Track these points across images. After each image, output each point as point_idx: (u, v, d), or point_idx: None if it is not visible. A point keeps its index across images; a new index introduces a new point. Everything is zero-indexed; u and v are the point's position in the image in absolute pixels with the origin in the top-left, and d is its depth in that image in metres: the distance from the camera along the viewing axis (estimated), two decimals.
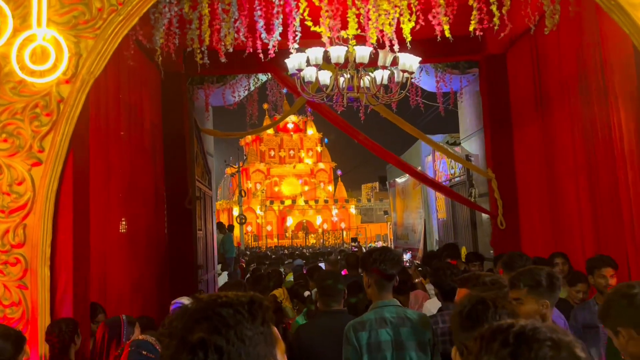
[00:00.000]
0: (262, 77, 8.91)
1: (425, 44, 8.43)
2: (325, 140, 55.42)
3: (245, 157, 35.25)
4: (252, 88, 8.81)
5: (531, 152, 7.71)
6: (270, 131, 53.73)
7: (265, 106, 45.15)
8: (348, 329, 3.13)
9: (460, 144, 10.23)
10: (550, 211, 7.07)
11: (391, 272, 3.13)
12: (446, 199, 10.70)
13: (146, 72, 7.61)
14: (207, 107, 8.71)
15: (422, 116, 17.43)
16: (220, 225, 17.33)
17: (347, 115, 8.84)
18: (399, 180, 16.98)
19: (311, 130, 55.17)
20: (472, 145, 9.39)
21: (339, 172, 55.11)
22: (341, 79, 5.83)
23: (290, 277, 8.02)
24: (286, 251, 23.27)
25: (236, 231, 38.57)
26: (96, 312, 4.92)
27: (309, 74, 5.88)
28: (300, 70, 5.53)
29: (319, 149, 55.18)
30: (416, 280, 5.84)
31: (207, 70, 8.46)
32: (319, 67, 5.46)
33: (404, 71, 5.51)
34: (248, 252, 24.37)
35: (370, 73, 5.86)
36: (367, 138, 8.60)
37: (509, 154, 8.32)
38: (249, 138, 55.33)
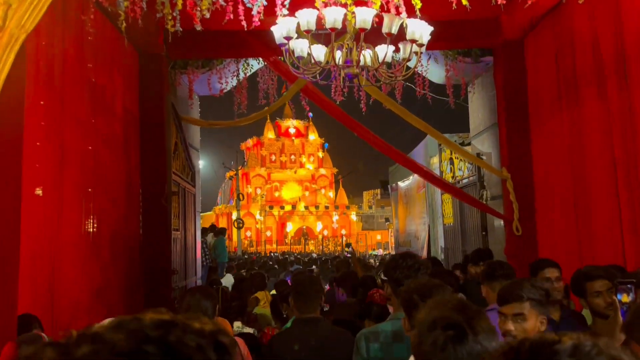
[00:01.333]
0: (254, 63, 7.99)
1: (434, 28, 7.63)
2: (326, 145, 54.80)
3: (244, 162, 34.28)
4: (242, 75, 7.89)
5: (552, 149, 6.79)
6: (272, 135, 53.27)
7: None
8: (359, 337, 2.87)
9: (469, 143, 9.37)
10: (577, 216, 6.12)
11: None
12: (454, 203, 9.79)
13: (119, 50, 6.70)
14: (191, 94, 7.79)
15: (427, 114, 16.52)
16: (212, 228, 16.52)
17: (346, 109, 7.94)
18: (401, 184, 16.07)
19: (313, 136, 54.53)
20: (483, 143, 8.49)
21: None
22: (338, 54, 4.90)
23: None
24: (280, 257, 22.37)
25: (234, 236, 37.80)
26: (30, 325, 3.98)
27: (300, 47, 4.95)
28: (289, 38, 4.59)
29: (320, 154, 54.53)
30: None
31: (191, 52, 7.58)
32: (312, 33, 4.53)
33: (412, 41, 4.56)
34: (246, 257, 23.41)
35: (371, 49, 4.92)
36: (368, 131, 7.68)
37: (526, 152, 7.41)
38: (250, 142, 54.91)
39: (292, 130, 53.96)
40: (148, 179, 6.93)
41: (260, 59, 7.74)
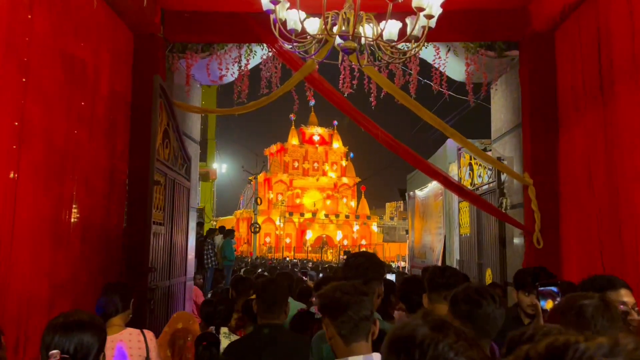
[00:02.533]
0: (257, 50, 7.39)
1: (454, 17, 6.95)
2: (351, 154, 54.35)
3: (263, 165, 33.84)
4: (244, 62, 7.30)
5: (582, 153, 6.02)
6: (296, 142, 53.11)
7: (293, 116, 44.22)
8: (315, 339, 2.91)
9: (489, 150, 8.67)
10: (610, 229, 5.32)
11: None
12: (471, 212, 9.06)
13: (109, 27, 6.17)
14: (188, 79, 7.22)
15: (444, 118, 15.83)
16: (221, 229, 16.10)
17: (360, 108, 7.28)
18: (419, 192, 15.33)
19: (337, 144, 54.26)
20: (505, 146, 7.77)
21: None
22: (335, 30, 4.23)
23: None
24: (298, 263, 21.82)
25: (252, 240, 37.48)
26: None
27: (293, 19, 4.30)
28: (276, 2, 3.95)
29: (343, 163, 54.21)
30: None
31: (190, 35, 7.03)
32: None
33: (419, 9, 3.87)
34: (258, 261, 22.82)
35: (372, 21, 4.24)
36: (384, 132, 7.01)
37: (552, 155, 6.68)
38: (274, 148, 54.86)
39: (316, 138, 53.84)
40: (137, 169, 6.36)
41: (265, 45, 7.14)
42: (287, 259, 29.13)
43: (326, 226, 50.82)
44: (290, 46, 4.20)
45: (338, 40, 4.12)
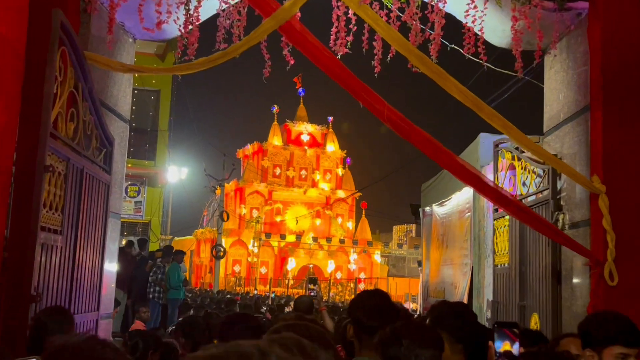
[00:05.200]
0: None
1: None
2: (348, 160, 53.84)
3: (233, 168, 33.13)
4: (194, 2, 6.60)
5: None
6: (278, 142, 52.53)
7: (276, 107, 43.86)
8: None
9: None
10: None
11: None
12: (511, 234, 8.44)
13: None
14: (112, 24, 6.48)
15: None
16: (165, 249, 15.34)
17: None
18: (438, 208, 14.64)
19: (332, 146, 53.69)
20: (564, 140, 7.24)
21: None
22: None
23: None
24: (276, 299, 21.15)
25: (221, 268, 36.68)
26: None
27: None
28: None
29: (339, 171, 53.56)
30: None
31: None
32: None
33: None
34: (220, 296, 22.01)
35: None
36: (391, 109, 6.33)
37: (634, 153, 6.14)
38: (250, 149, 54.27)
39: (305, 137, 53.26)
40: (24, 149, 5.59)
41: None
42: (257, 293, 28.39)
43: (314, 253, 50.11)
44: None
45: None
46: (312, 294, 6.78)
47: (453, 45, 7.36)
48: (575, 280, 6.82)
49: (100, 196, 6.73)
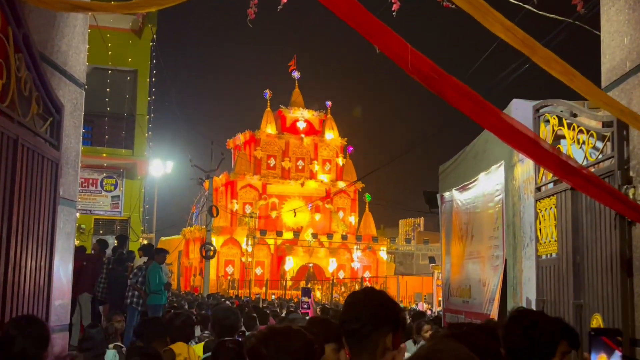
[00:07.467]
0: None
1: None
2: (349, 148, 53.61)
3: (222, 158, 32.40)
4: None
5: None
6: (272, 130, 52.18)
7: (269, 92, 43.26)
8: None
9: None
10: None
11: None
12: (560, 217, 7.60)
13: None
14: None
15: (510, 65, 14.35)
16: (144, 248, 14.65)
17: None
18: (459, 194, 13.80)
19: (331, 134, 53.48)
20: (631, 94, 6.40)
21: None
22: None
23: None
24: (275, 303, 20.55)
25: (212, 270, 36.09)
26: None
27: None
28: None
29: (340, 161, 53.37)
30: None
31: None
32: None
33: None
34: (210, 300, 21.24)
35: None
36: (416, 53, 5.36)
37: None
38: (241, 138, 53.90)
39: (301, 125, 53.14)
40: None
41: None
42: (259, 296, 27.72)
43: (314, 251, 50.08)
44: None
45: None
46: (304, 306, 6.62)
47: None
48: None
49: (45, 177, 5.76)
